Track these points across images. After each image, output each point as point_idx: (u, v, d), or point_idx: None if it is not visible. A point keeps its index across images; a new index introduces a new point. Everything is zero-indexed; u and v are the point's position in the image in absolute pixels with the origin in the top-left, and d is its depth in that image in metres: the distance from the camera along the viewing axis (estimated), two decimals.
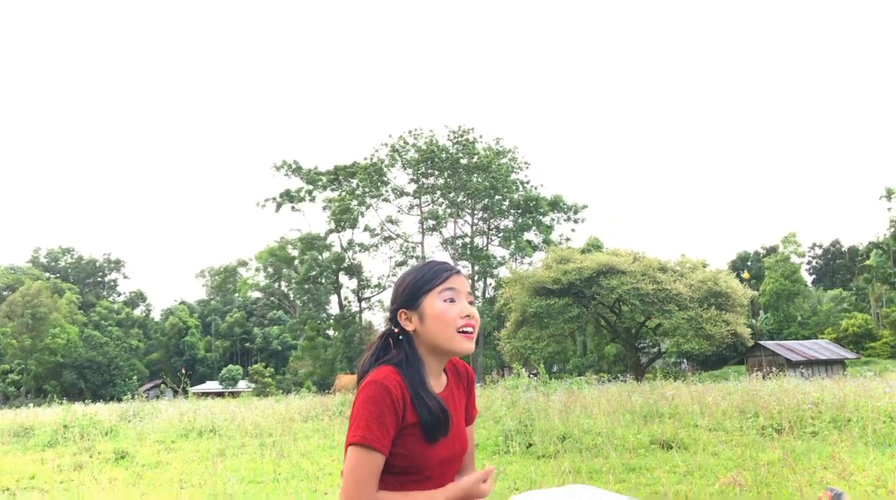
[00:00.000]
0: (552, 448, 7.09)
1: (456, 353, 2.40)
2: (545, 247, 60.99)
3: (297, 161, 64.44)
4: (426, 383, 2.35)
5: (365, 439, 2.18)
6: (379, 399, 2.21)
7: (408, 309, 2.38)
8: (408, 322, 2.39)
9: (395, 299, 2.42)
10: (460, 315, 2.36)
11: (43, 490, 5.76)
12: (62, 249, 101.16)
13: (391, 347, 2.43)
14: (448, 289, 2.38)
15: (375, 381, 2.24)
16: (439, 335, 2.35)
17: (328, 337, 67.05)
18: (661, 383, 16.02)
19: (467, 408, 2.57)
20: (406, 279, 2.42)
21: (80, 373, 69.95)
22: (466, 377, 2.59)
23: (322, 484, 5.55)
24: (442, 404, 2.34)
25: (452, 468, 2.45)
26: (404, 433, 2.26)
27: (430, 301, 2.36)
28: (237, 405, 17.52)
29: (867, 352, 55.56)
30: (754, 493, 4.23)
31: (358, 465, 2.19)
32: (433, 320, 2.35)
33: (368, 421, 2.19)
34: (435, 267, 2.42)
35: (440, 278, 2.38)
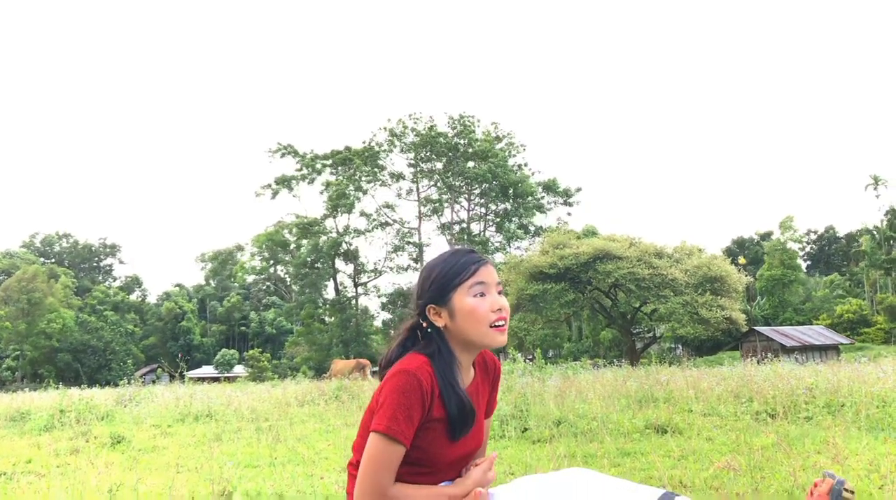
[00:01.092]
0: (547, 433, 7.12)
1: (489, 347, 2.40)
2: (541, 232, 60.98)
3: (291, 145, 64.19)
4: (457, 379, 2.33)
5: (390, 429, 2.18)
6: (409, 391, 2.20)
7: (437, 305, 2.36)
8: (437, 318, 2.36)
9: (422, 294, 2.39)
10: (491, 309, 2.35)
11: (39, 474, 5.77)
12: (58, 234, 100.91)
13: (419, 339, 2.41)
14: (478, 283, 2.35)
15: (408, 371, 2.23)
16: (472, 331, 2.33)
17: (324, 322, 67.06)
18: (656, 369, 16.08)
19: (489, 402, 2.57)
20: (433, 273, 2.38)
21: (76, 357, 69.94)
22: (494, 371, 2.59)
23: (318, 468, 5.57)
24: (470, 402, 2.33)
25: (464, 465, 2.44)
26: (427, 427, 2.26)
27: (459, 297, 2.33)
28: (233, 390, 17.55)
29: (861, 338, 55.80)
30: (748, 477, 4.25)
31: (379, 454, 2.20)
32: (464, 317, 2.32)
33: (396, 412, 2.18)
34: (462, 258, 2.38)
35: (468, 272, 2.35)
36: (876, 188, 66.89)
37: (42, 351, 69.46)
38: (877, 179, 66.40)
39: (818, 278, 75.97)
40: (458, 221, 64.17)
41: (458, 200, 64.38)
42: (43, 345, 69.05)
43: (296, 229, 64.70)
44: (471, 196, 64.20)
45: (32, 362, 70.60)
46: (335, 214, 63.85)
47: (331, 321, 66.00)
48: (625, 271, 38.37)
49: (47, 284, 71.87)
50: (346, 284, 66.85)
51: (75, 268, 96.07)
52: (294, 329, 79.73)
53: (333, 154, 63.61)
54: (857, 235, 72.46)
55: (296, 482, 4.95)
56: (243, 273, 75.79)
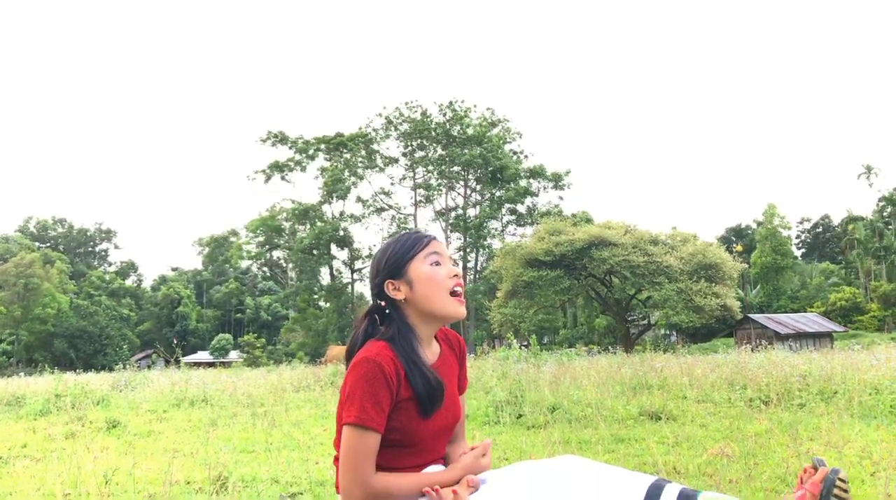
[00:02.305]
0: (542, 419, 7.14)
1: (449, 317, 2.40)
2: (536, 217, 60.98)
3: (282, 131, 63.97)
4: (420, 355, 2.34)
5: (360, 419, 2.17)
6: (372, 377, 2.19)
7: (394, 278, 2.37)
8: (396, 292, 2.37)
9: (377, 273, 2.41)
10: (448, 275, 2.37)
11: (35, 459, 5.78)
12: (53, 219, 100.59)
13: (378, 323, 2.42)
14: (432, 253, 2.38)
15: (367, 358, 2.22)
16: (431, 298, 2.35)
17: (320, 308, 67.07)
18: (650, 355, 16.12)
19: (459, 378, 2.57)
20: (387, 251, 2.41)
21: (71, 343, 69.92)
22: (458, 347, 2.59)
23: (313, 454, 5.59)
24: (436, 376, 2.33)
25: (445, 438, 2.46)
26: (399, 408, 2.26)
27: (416, 266, 2.36)
28: (229, 375, 17.58)
29: (855, 325, 55.99)
30: (741, 463, 4.28)
31: (354, 446, 2.19)
32: (423, 284, 2.35)
33: (363, 401, 2.18)
34: (413, 235, 2.43)
35: (421, 244, 2.39)
36: (868, 177, 67.00)
37: (37, 336, 69.44)
38: (869, 168, 66.50)
39: (814, 266, 76.10)
40: (454, 208, 64.12)
41: (455, 186, 64.31)
42: (38, 330, 69.01)
43: (292, 215, 64.60)
44: (467, 182, 64.13)
45: (28, 347, 70.60)
46: (331, 200, 63.76)
47: (326, 307, 66.03)
48: (620, 257, 38.39)
49: (43, 269, 71.77)
50: (342, 270, 66.88)
51: (70, 253, 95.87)
52: (289, 315, 79.74)
53: (326, 139, 63.43)
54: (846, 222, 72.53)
55: (291, 468, 4.97)
56: (238, 257, 75.71)
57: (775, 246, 65.22)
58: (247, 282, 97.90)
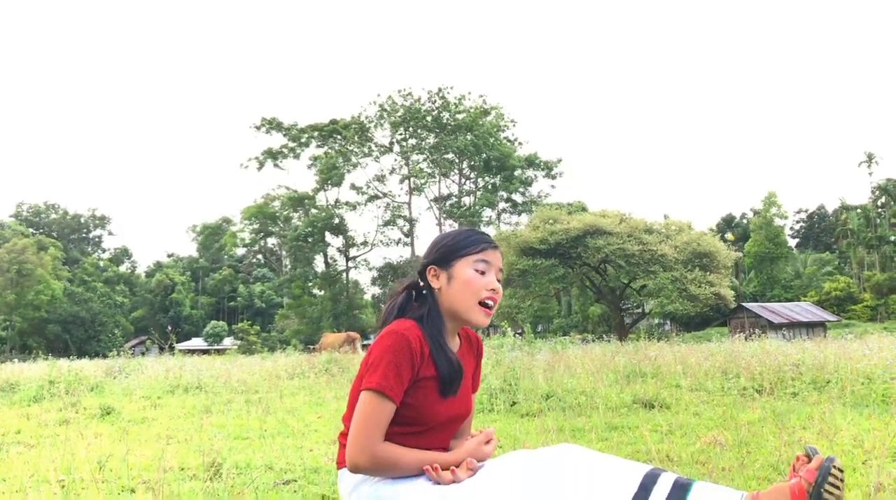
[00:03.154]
0: (536, 407, 7.17)
1: (470, 323, 2.47)
2: (530, 206, 60.97)
3: (276, 118, 63.69)
4: (445, 339, 2.41)
5: (381, 386, 2.24)
6: (398, 349, 2.26)
7: (438, 267, 2.45)
8: (435, 279, 2.45)
9: (428, 254, 2.49)
10: (486, 287, 2.43)
11: (29, 445, 5.78)
12: (46, 204, 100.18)
13: (412, 299, 2.50)
14: (482, 261, 2.44)
15: (397, 331, 2.30)
16: (461, 301, 2.41)
17: (314, 296, 67.03)
18: (644, 344, 16.16)
19: (474, 376, 2.65)
20: (444, 239, 2.48)
21: (65, 329, 69.83)
22: (477, 347, 2.68)
23: (308, 441, 5.60)
24: (458, 360, 2.41)
25: (453, 427, 2.51)
26: (417, 386, 2.33)
27: (462, 265, 2.42)
28: (223, 362, 17.58)
29: (848, 315, 56.18)
30: (734, 452, 4.30)
31: (370, 410, 2.25)
32: (460, 285, 2.41)
33: (386, 370, 2.24)
34: (476, 235, 2.48)
35: (477, 247, 2.44)
36: (869, 166, 66.95)
37: (31, 322, 69.34)
38: (870, 156, 66.42)
39: (807, 255, 76.26)
40: (449, 196, 64.05)
41: (450, 174, 64.21)
42: (32, 316, 68.90)
43: (287, 202, 64.46)
44: (461, 170, 64.03)
45: (21, 332, 70.49)
46: (326, 187, 63.62)
47: (321, 295, 66.00)
48: (615, 246, 38.41)
49: (36, 255, 71.58)
50: (336, 257, 66.83)
51: (64, 239, 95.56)
52: (284, 302, 79.69)
53: (319, 127, 63.20)
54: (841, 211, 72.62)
55: (285, 454, 4.98)
56: (232, 245, 75.59)
57: (770, 235, 65.31)
58: (241, 269, 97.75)
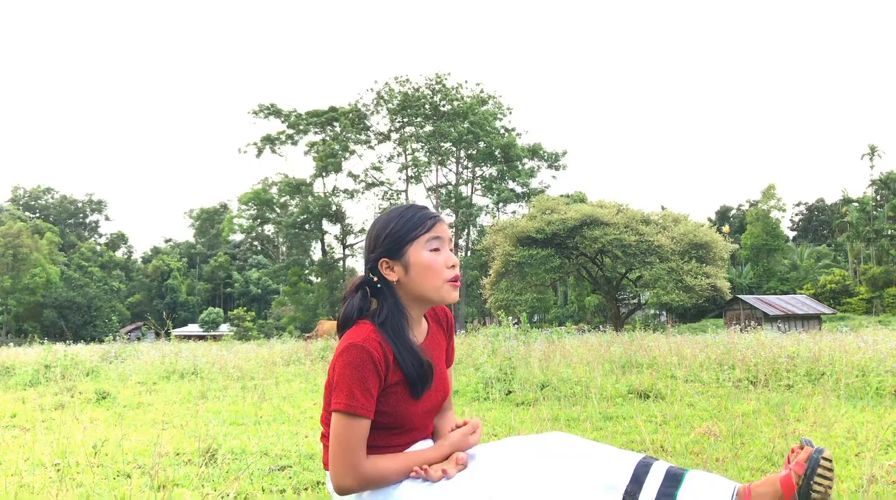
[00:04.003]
0: (531, 396, 7.18)
1: (443, 302, 2.38)
2: (530, 196, 60.91)
3: (274, 104, 63.51)
4: (408, 339, 2.31)
5: (350, 406, 2.17)
6: (360, 363, 2.18)
7: (391, 259, 2.33)
8: (390, 272, 2.34)
9: (374, 247, 2.36)
10: (446, 265, 2.33)
11: (24, 428, 5.78)
12: (42, 188, 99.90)
13: (368, 296, 2.38)
14: (434, 238, 2.33)
15: (355, 344, 2.20)
16: (427, 285, 2.32)
17: (310, 283, 67.05)
18: (640, 335, 16.19)
19: (447, 351, 2.57)
20: (388, 227, 2.34)
21: (61, 313, 69.78)
22: (446, 320, 2.58)
23: (303, 427, 5.61)
24: (425, 358, 2.32)
25: (434, 415, 2.47)
26: (388, 392, 2.26)
27: (415, 251, 2.31)
28: (219, 348, 17.58)
29: (843, 308, 56.32)
30: (728, 443, 4.31)
31: (344, 432, 2.19)
32: (420, 271, 2.31)
33: (351, 387, 2.17)
34: (418, 214, 2.35)
35: (425, 226, 2.32)
36: (872, 159, 66.86)
37: (27, 307, 69.27)
38: (873, 149, 66.32)
39: (804, 247, 76.34)
40: (445, 184, 63.97)
41: (446, 163, 64.11)
42: (28, 301, 68.84)
43: (284, 188, 64.37)
44: (458, 158, 63.93)
45: (17, 317, 70.44)
46: (323, 175, 63.53)
47: (317, 282, 66.02)
48: (612, 236, 38.43)
49: (32, 239, 71.45)
50: (333, 245, 66.80)
51: (61, 224, 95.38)
52: (280, 289, 79.68)
53: (318, 114, 63.06)
54: (839, 205, 72.59)
55: (281, 441, 4.99)
56: (229, 231, 75.52)
57: (767, 227, 65.33)
58: (238, 256, 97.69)
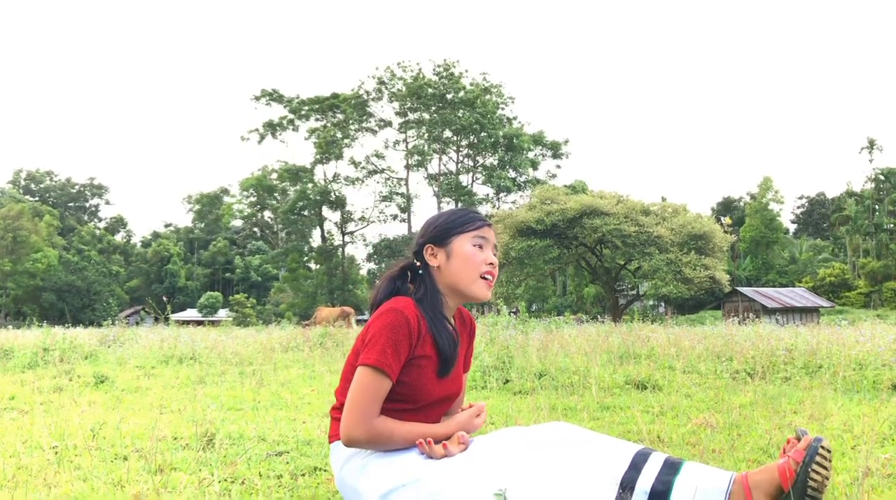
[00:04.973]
0: (529, 385, 7.19)
1: (473, 297, 2.49)
2: (530, 185, 60.86)
3: (276, 90, 63.31)
4: (444, 317, 2.45)
5: (379, 362, 2.27)
6: (397, 327, 2.29)
7: (435, 245, 2.49)
8: (433, 258, 2.49)
9: (424, 234, 2.53)
10: (485, 261, 2.48)
11: (23, 411, 5.79)
12: (43, 172, 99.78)
13: (408, 279, 2.54)
14: (480, 237, 2.49)
15: (395, 308, 2.33)
16: (462, 276, 2.45)
17: (310, 270, 67.06)
18: (638, 325, 16.19)
19: (465, 356, 2.67)
20: (440, 218, 2.53)
21: (60, 297, 69.78)
22: (470, 326, 2.70)
23: (301, 413, 5.62)
24: (457, 336, 2.46)
25: (445, 406, 2.54)
26: (413, 364, 2.37)
27: (460, 242, 2.47)
28: (218, 334, 17.59)
29: (842, 301, 56.36)
30: (725, 434, 4.33)
31: (367, 385, 2.29)
32: (459, 261, 2.45)
33: (385, 346, 2.28)
34: (471, 214, 2.53)
35: (474, 225, 2.50)
36: (871, 152, 66.70)
37: (26, 290, 69.29)
38: (872, 142, 66.14)
39: (803, 240, 76.35)
40: (446, 173, 63.91)
41: (447, 151, 64.03)
42: (27, 284, 68.85)
43: (284, 174, 64.28)
44: (459, 148, 63.83)
45: (16, 299, 70.47)
46: (324, 161, 63.43)
47: (317, 269, 66.04)
48: (611, 226, 38.40)
49: (32, 222, 71.41)
50: (333, 232, 66.78)
51: (60, 207, 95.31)
52: (279, 276, 79.72)
53: (320, 100, 62.89)
54: (840, 199, 72.52)
55: (278, 426, 5.00)
56: (229, 216, 75.48)
57: (765, 220, 65.30)
58: (237, 242, 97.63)
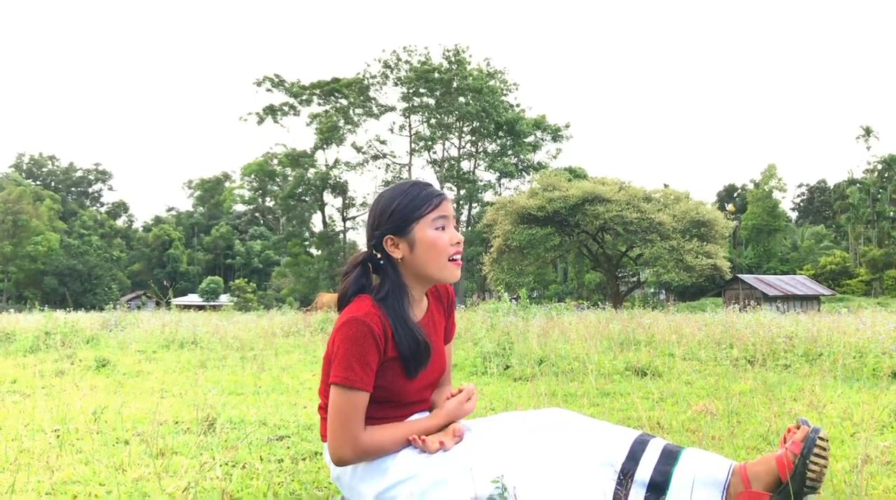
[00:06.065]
0: (529, 371, 7.20)
1: (445, 281, 2.39)
2: (531, 171, 60.78)
3: (278, 75, 63.07)
4: (407, 317, 2.32)
5: (348, 380, 2.19)
6: (360, 338, 2.19)
7: (396, 236, 2.33)
8: (395, 249, 2.34)
9: (379, 224, 2.35)
10: (451, 242, 2.34)
11: (24, 394, 5.81)
12: (46, 156, 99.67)
13: (370, 272, 2.40)
14: (440, 216, 2.33)
15: (356, 318, 2.21)
16: (431, 264, 2.33)
17: (311, 255, 67.07)
18: (638, 312, 16.19)
19: (447, 328, 2.58)
20: (393, 203, 2.33)
21: (61, 281, 69.85)
22: (447, 297, 2.59)
23: (301, 398, 5.64)
24: (422, 337, 2.33)
25: (431, 390, 2.48)
26: (385, 367, 2.28)
27: (421, 228, 2.31)
28: (219, 319, 17.61)
29: (843, 289, 56.36)
30: (725, 421, 4.33)
31: (342, 405, 2.21)
32: (425, 249, 2.32)
33: (350, 361, 2.19)
34: (424, 191, 2.35)
35: (431, 204, 2.32)
36: (867, 139, 66.50)
37: (27, 273, 69.35)
38: (868, 130, 65.94)
39: (805, 228, 76.25)
40: (449, 159, 63.81)
41: (449, 136, 63.89)
42: (28, 268, 68.90)
43: (285, 160, 64.17)
44: (461, 134, 63.68)
45: (18, 283, 70.53)
46: (325, 147, 63.30)
47: (318, 254, 66.06)
48: (613, 213, 38.37)
49: (33, 206, 71.37)
50: (335, 217, 66.75)
51: (63, 192, 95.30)
52: (281, 261, 79.73)
53: (321, 84, 62.66)
54: (842, 187, 72.31)
55: (279, 411, 5.01)
56: (231, 201, 75.41)
57: (767, 208, 65.21)
58: (239, 227, 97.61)
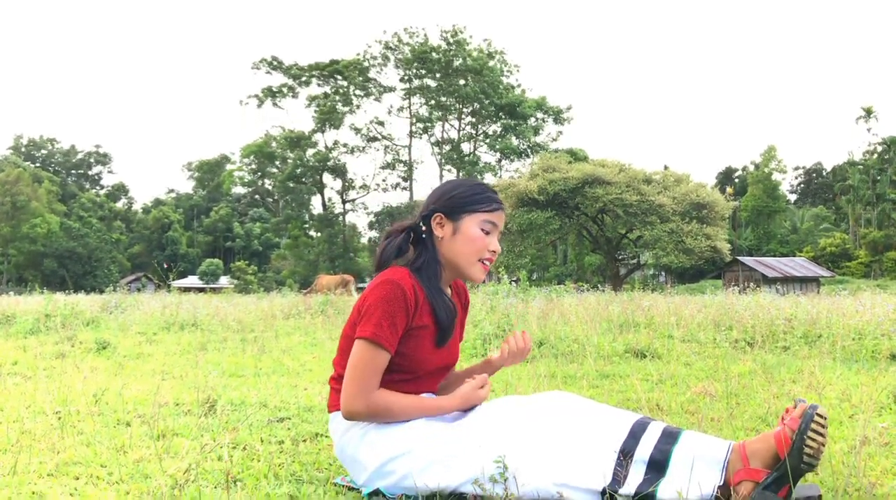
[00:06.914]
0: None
1: (468, 278, 2.49)
2: (531, 153, 60.64)
3: (276, 57, 62.73)
4: (441, 287, 2.43)
5: (375, 336, 2.26)
6: (393, 298, 2.28)
7: (445, 215, 2.44)
8: (439, 228, 2.45)
9: (435, 201, 2.46)
10: (488, 247, 2.44)
11: (25, 376, 5.82)
12: (45, 138, 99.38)
13: (410, 241, 2.49)
14: (490, 222, 2.44)
15: (391, 280, 2.30)
16: (462, 256, 2.42)
17: (311, 237, 67.04)
18: (638, 294, 16.20)
19: (461, 325, 2.69)
20: (456, 189, 2.46)
21: (61, 263, 69.85)
22: (464, 296, 2.71)
23: (302, 380, 5.65)
24: (454, 306, 2.45)
25: (441, 376, 2.53)
26: (410, 335, 2.36)
27: (470, 221, 2.42)
28: (219, 301, 17.63)
29: (842, 271, 56.37)
30: (724, 403, 4.35)
31: (364, 359, 2.28)
32: (464, 240, 2.42)
33: (381, 319, 2.27)
34: (487, 193, 2.46)
35: (489, 206, 2.44)
36: (868, 121, 66.24)
37: (27, 256, 69.32)
38: (869, 111, 65.65)
39: (805, 210, 76.21)
40: (449, 141, 63.65)
41: (449, 118, 63.69)
42: (28, 250, 68.86)
43: (283, 142, 63.97)
44: (461, 115, 63.48)
45: (17, 266, 70.51)
46: (324, 129, 63.11)
47: (318, 236, 66.03)
48: (613, 196, 38.27)
49: (32, 188, 71.25)
50: (335, 199, 66.68)
51: (62, 174, 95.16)
52: (280, 244, 79.74)
53: (320, 66, 62.33)
54: (842, 168, 72.17)
55: (280, 393, 5.03)
56: (230, 183, 75.26)
57: (767, 189, 65.13)
58: (238, 209, 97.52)
